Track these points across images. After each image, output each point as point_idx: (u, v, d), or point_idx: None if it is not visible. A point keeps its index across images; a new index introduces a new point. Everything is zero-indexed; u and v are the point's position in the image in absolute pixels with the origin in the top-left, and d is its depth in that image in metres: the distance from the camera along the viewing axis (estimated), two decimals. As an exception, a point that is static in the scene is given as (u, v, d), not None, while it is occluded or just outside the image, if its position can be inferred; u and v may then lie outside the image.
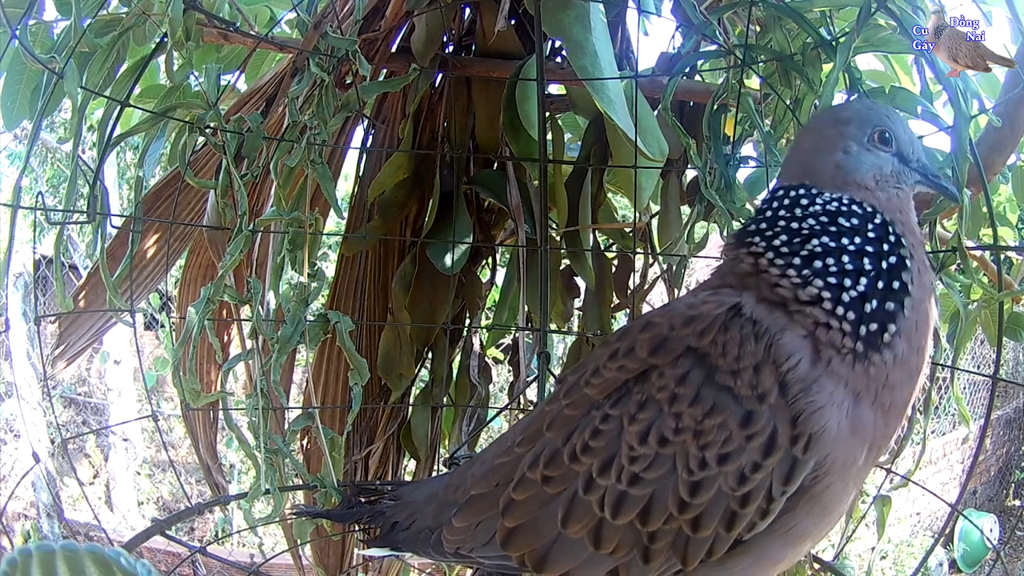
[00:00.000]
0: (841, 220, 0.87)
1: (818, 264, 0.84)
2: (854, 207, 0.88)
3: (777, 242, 0.88)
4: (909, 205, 0.93)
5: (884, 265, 0.85)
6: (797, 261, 0.85)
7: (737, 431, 0.81)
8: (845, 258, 0.84)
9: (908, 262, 0.86)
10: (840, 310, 0.82)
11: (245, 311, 1.52)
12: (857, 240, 0.85)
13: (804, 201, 0.89)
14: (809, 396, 0.80)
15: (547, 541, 0.89)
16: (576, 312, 1.97)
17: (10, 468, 5.65)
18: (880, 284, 0.84)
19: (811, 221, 0.88)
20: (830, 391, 0.80)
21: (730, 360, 0.82)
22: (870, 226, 0.87)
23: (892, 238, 0.87)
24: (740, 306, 0.85)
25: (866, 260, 0.84)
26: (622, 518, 0.85)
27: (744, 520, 0.82)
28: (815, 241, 0.86)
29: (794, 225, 0.88)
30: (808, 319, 0.83)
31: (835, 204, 0.89)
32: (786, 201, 0.90)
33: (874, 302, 0.83)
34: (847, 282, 0.83)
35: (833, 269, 0.84)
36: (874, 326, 0.82)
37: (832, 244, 0.85)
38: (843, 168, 0.91)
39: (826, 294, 0.83)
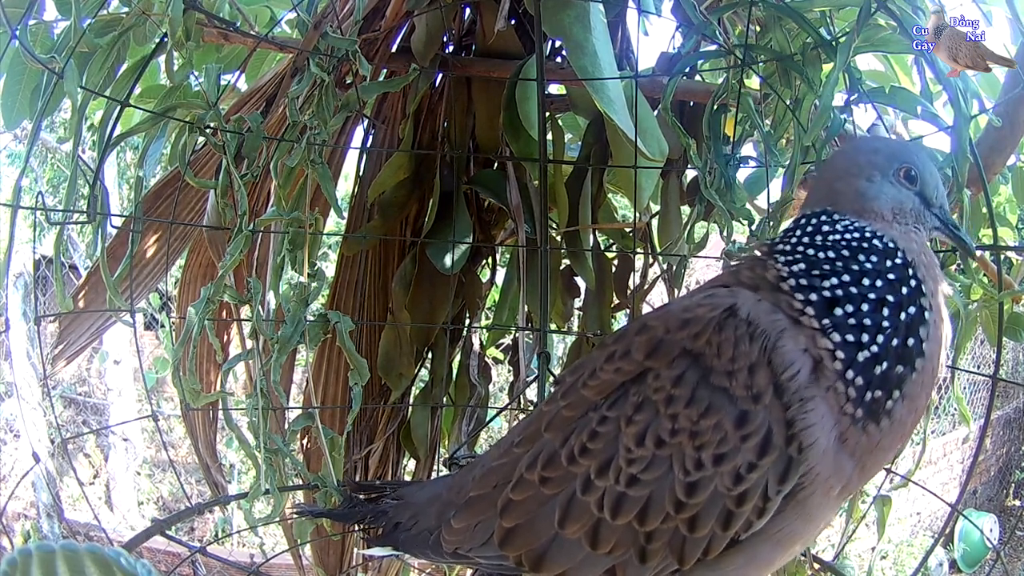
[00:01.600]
0: (861, 257, 0.86)
1: (838, 313, 0.83)
2: (875, 241, 0.87)
3: (796, 268, 0.87)
4: (926, 245, 0.92)
5: (903, 317, 0.83)
6: (814, 297, 0.84)
7: (732, 431, 0.81)
8: (865, 307, 0.83)
9: (927, 314, 0.85)
10: (850, 373, 0.81)
11: (245, 311, 1.52)
12: (878, 284, 0.84)
13: (825, 228, 0.89)
14: (804, 411, 0.80)
15: (544, 541, 0.89)
16: (576, 312, 1.97)
17: (10, 468, 5.66)
18: (895, 342, 0.83)
19: (831, 254, 0.87)
20: (822, 414, 0.81)
21: (725, 361, 0.82)
22: (889, 264, 0.86)
23: (913, 282, 0.86)
24: (735, 308, 0.85)
25: (885, 311, 0.83)
26: (620, 519, 0.85)
27: (740, 519, 0.82)
28: (834, 280, 0.85)
29: (811, 252, 0.88)
30: (818, 346, 0.82)
31: (856, 235, 0.88)
32: (809, 228, 0.91)
33: (884, 364, 0.82)
34: (864, 338, 0.82)
35: (852, 322, 0.82)
36: (879, 393, 0.81)
37: (853, 289, 0.84)
38: (864, 195, 0.91)
39: (840, 354, 0.81)
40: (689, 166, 1.72)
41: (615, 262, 1.88)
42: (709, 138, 1.46)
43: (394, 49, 1.81)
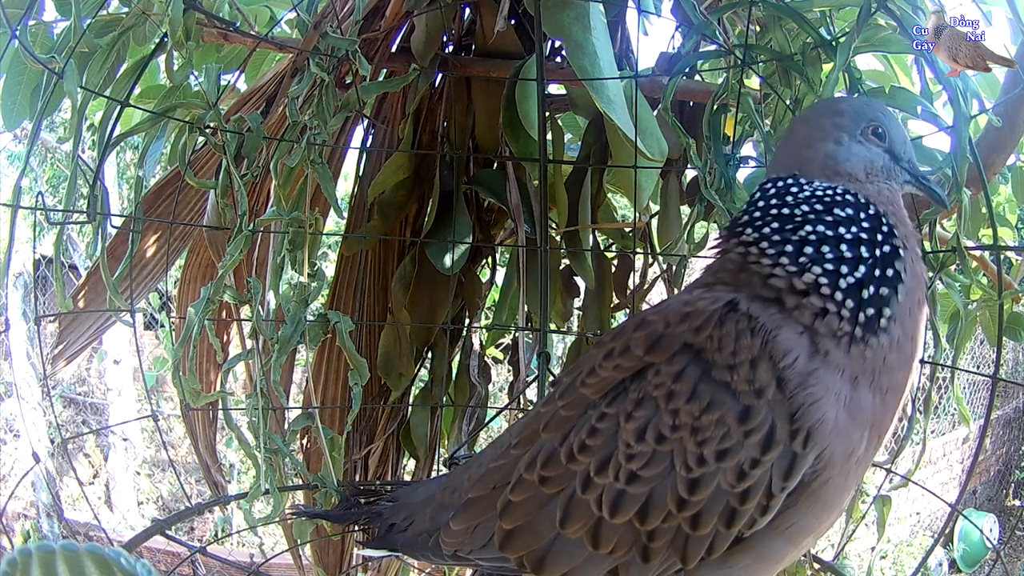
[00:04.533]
0: (836, 210, 0.87)
1: (810, 250, 0.85)
2: (847, 196, 0.89)
3: (767, 230, 0.88)
4: (899, 200, 0.94)
5: (878, 253, 0.85)
6: (790, 248, 0.85)
7: (735, 427, 0.80)
8: (843, 247, 0.85)
9: (901, 252, 0.87)
10: (839, 295, 0.83)
11: (245, 311, 1.52)
12: (853, 229, 0.86)
13: (795, 190, 0.90)
14: (807, 389, 0.80)
15: (545, 542, 0.89)
16: (576, 312, 1.97)
17: (10, 468, 5.65)
18: (876, 272, 0.84)
19: (804, 208, 0.88)
20: (827, 382, 0.80)
21: (726, 355, 0.82)
22: (863, 215, 0.87)
23: (885, 228, 0.87)
24: (736, 302, 0.85)
25: (862, 248, 0.85)
26: (620, 517, 0.84)
27: (744, 517, 0.81)
28: (808, 228, 0.86)
29: (785, 211, 0.88)
30: (805, 311, 0.83)
31: (828, 192, 0.89)
32: (775, 191, 0.91)
33: (871, 288, 0.83)
34: (844, 268, 0.84)
35: (829, 256, 0.84)
36: (871, 311, 0.83)
37: (828, 232, 0.85)
38: (834, 158, 0.92)
39: (824, 280, 0.83)
40: (689, 166, 1.72)
41: (615, 262, 1.88)
42: (709, 138, 1.46)
43: (394, 49, 1.80)
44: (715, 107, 1.47)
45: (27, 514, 5.29)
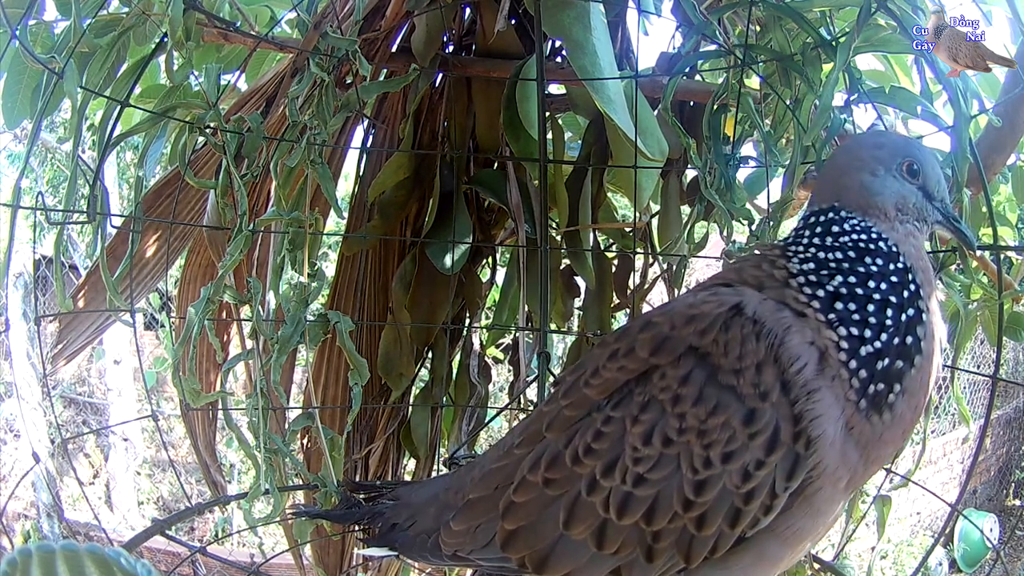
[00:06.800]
0: (867, 258, 0.88)
1: (840, 306, 0.85)
2: (880, 244, 0.89)
3: (807, 267, 0.89)
4: (923, 245, 0.94)
5: (903, 317, 0.85)
6: (821, 294, 0.86)
7: (740, 429, 0.81)
8: (870, 307, 0.85)
9: (924, 316, 0.87)
10: (854, 363, 0.83)
11: (245, 311, 1.52)
12: (882, 286, 0.86)
13: (835, 228, 0.91)
14: (811, 402, 0.81)
15: (549, 542, 0.89)
16: (576, 312, 1.97)
17: (10, 468, 5.65)
18: (896, 340, 0.84)
19: (839, 254, 0.89)
20: (829, 404, 0.82)
21: (732, 359, 0.83)
22: (892, 267, 0.88)
23: (912, 287, 0.88)
24: (741, 305, 0.86)
25: (889, 311, 0.85)
26: (627, 519, 0.85)
27: (748, 517, 0.82)
28: (839, 280, 0.87)
29: (821, 255, 0.89)
30: (823, 337, 0.83)
31: (863, 236, 0.90)
32: (818, 228, 0.92)
33: (886, 360, 0.83)
34: (868, 333, 0.84)
35: (856, 318, 0.84)
36: (881, 386, 0.83)
37: (858, 290, 0.86)
38: (868, 189, 0.92)
39: (844, 344, 0.83)
40: (689, 166, 1.72)
41: (615, 262, 1.88)
42: (709, 138, 1.46)
43: (394, 49, 1.80)
44: (715, 107, 1.47)
45: (27, 514, 5.29)
